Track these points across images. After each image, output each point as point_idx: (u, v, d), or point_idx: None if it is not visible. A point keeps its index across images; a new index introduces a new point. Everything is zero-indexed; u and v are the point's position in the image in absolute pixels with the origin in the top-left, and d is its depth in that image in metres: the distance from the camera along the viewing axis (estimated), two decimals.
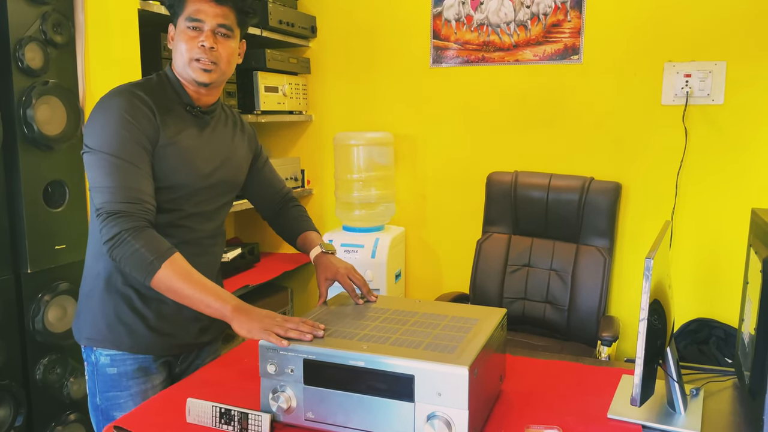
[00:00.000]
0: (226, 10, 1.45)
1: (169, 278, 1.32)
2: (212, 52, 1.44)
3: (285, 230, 1.78)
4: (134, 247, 1.31)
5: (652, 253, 1.18)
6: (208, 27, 1.43)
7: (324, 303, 1.54)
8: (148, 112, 1.40)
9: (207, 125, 1.54)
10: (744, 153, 2.58)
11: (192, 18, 1.42)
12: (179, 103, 1.49)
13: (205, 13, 1.42)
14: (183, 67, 1.45)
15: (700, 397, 1.38)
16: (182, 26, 1.43)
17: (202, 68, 1.44)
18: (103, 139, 1.36)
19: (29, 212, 1.97)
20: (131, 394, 1.50)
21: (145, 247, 1.31)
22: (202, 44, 1.42)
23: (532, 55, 2.84)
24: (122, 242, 1.32)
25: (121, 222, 1.32)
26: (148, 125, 1.39)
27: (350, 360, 1.18)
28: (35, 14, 1.95)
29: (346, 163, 2.96)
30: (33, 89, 1.94)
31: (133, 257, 1.32)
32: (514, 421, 1.28)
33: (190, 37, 1.43)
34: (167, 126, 1.43)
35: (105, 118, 1.37)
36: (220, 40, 1.45)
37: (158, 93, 1.46)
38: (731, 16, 2.53)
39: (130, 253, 1.32)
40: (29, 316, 2.00)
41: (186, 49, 1.43)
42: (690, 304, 2.71)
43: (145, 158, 1.38)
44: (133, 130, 1.36)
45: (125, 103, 1.38)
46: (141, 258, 1.31)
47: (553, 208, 2.64)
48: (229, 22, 1.46)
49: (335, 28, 3.16)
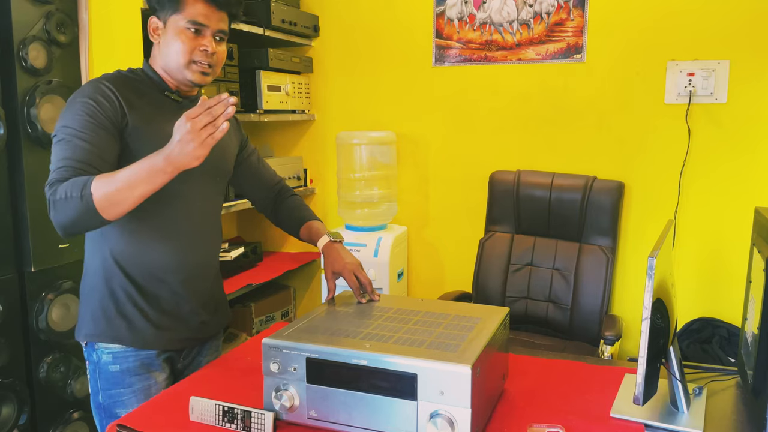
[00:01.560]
0: (224, 15, 1.48)
1: (104, 188, 1.26)
2: (213, 56, 1.47)
3: (285, 221, 1.77)
4: (61, 197, 1.27)
5: (655, 252, 1.18)
6: (210, 32, 1.45)
7: (331, 300, 1.54)
8: (111, 94, 1.41)
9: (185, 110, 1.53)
10: (747, 152, 2.58)
11: (195, 21, 1.43)
12: (155, 90, 1.50)
13: (209, 18, 1.44)
14: (177, 66, 1.46)
15: (703, 396, 1.38)
16: (180, 26, 1.43)
17: (201, 71, 1.47)
18: (62, 123, 1.37)
19: (33, 211, 1.98)
20: (134, 391, 1.50)
21: (68, 190, 1.27)
22: (205, 48, 1.45)
23: (535, 54, 2.84)
24: (52, 205, 1.28)
25: (48, 191, 1.30)
26: (111, 108, 1.39)
27: (353, 358, 1.19)
28: (39, 14, 1.95)
29: (348, 162, 2.96)
30: (36, 88, 1.94)
31: (68, 205, 1.27)
32: (516, 419, 1.28)
33: (190, 39, 1.44)
34: (136, 110, 1.43)
35: (69, 106, 1.39)
36: (217, 45, 1.48)
37: (128, 80, 1.47)
38: (734, 14, 2.53)
39: (63, 206, 1.27)
40: (33, 314, 2.00)
41: (185, 50, 1.44)
42: (693, 303, 2.71)
43: (102, 137, 1.37)
44: (93, 112, 1.37)
45: (89, 89, 1.40)
46: (72, 201, 1.26)
47: (556, 207, 2.64)
48: (226, 27, 1.50)
49: (338, 28, 3.16)
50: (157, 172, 1.26)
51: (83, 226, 1.31)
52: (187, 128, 1.22)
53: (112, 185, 1.26)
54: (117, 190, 1.26)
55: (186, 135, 1.22)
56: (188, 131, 1.22)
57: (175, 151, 1.24)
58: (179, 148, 1.23)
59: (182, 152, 1.23)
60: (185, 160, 1.25)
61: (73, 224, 1.30)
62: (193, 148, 1.23)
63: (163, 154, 1.25)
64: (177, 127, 1.24)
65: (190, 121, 1.22)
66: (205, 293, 1.61)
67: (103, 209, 1.27)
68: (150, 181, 1.27)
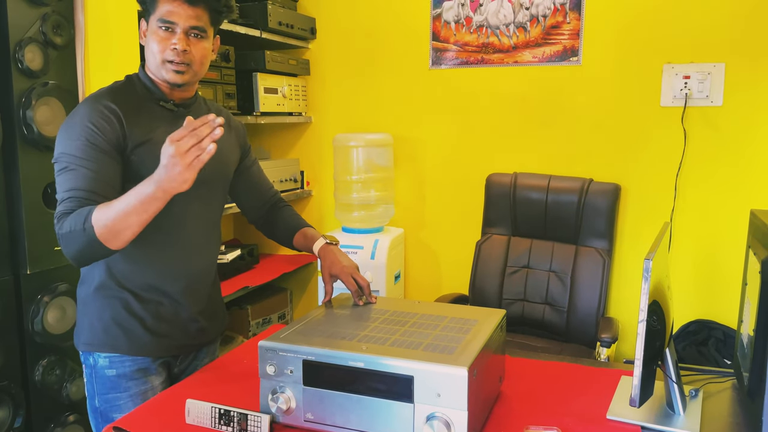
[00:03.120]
0: (199, 11, 1.43)
1: (102, 220, 1.26)
2: (185, 54, 1.43)
3: (278, 230, 1.76)
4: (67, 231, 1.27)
5: (651, 255, 1.18)
6: (180, 29, 1.41)
7: (328, 302, 1.54)
8: (112, 117, 1.39)
9: (182, 118, 1.51)
10: (743, 154, 2.58)
11: (164, 20, 1.40)
12: (151, 100, 1.48)
13: (178, 15, 1.40)
14: (156, 67, 1.44)
15: (699, 398, 1.38)
16: (154, 26, 1.42)
17: (175, 70, 1.43)
18: (63, 149, 1.36)
19: (29, 213, 1.97)
20: (130, 396, 1.50)
21: (72, 223, 1.27)
22: (175, 47, 1.41)
23: (532, 57, 2.84)
24: (61, 239, 1.29)
25: (57, 225, 1.30)
26: (111, 131, 1.38)
27: (349, 361, 1.19)
28: (35, 15, 1.95)
29: (345, 165, 2.96)
30: (33, 90, 1.94)
31: (73, 237, 1.27)
32: (513, 422, 1.28)
33: (161, 38, 1.42)
34: (137, 126, 1.42)
35: (69, 129, 1.37)
36: (192, 42, 1.44)
37: (126, 94, 1.45)
38: (730, 17, 2.54)
39: (71, 239, 1.28)
40: (28, 317, 2.00)
41: (158, 50, 1.42)
42: (689, 305, 2.72)
43: (105, 162, 1.36)
44: (93, 137, 1.35)
45: (87, 111, 1.38)
46: (77, 234, 1.27)
47: (553, 210, 2.65)
48: (202, 24, 1.44)
49: (335, 30, 3.16)
50: (149, 200, 1.25)
51: (93, 256, 1.32)
52: (171, 151, 1.20)
53: (110, 217, 1.26)
54: (115, 221, 1.26)
55: (171, 158, 1.20)
56: (172, 154, 1.19)
57: (163, 175, 1.22)
58: (166, 173, 1.21)
59: (169, 176, 1.21)
60: (173, 185, 1.23)
61: (82, 256, 1.30)
62: (179, 171, 1.20)
63: (153, 180, 1.24)
64: (163, 151, 1.22)
65: (174, 144, 1.19)
66: (204, 299, 1.61)
67: (106, 240, 1.27)
68: (144, 210, 1.26)
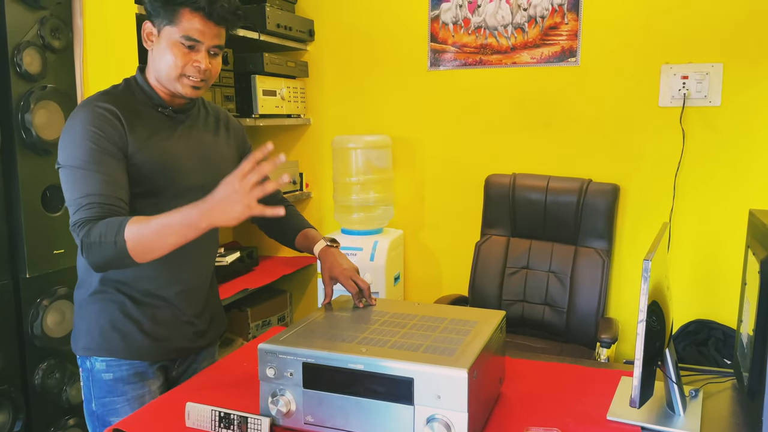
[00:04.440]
0: (222, 30, 1.45)
1: (137, 237, 1.25)
2: (205, 72, 1.44)
3: (280, 231, 1.76)
4: (96, 242, 1.27)
5: (651, 255, 1.18)
6: (204, 47, 1.42)
7: (328, 304, 1.54)
8: (113, 119, 1.38)
9: (181, 124, 1.52)
10: (741, 154, 2.59)
11: (190, 37, 1.39)
12: (149, 106, 1.48)
13: (204, 34, 1.40)
14: (168, 79, 1.43)
15: (699, 399, 1.38)
16: (174, 38, 1.40)
17: (193, 86, 1.44)
18: (68, 154, 1.35)
19: (27, 217, 1.97)
20: (127, 399, 1.49)
21: (103, 234, 1.26)
22: (198, 65, 1.42)
23: (530, 58, 2.84)
24: (86, 248, 1.28)
25: (80, 231, 1.29)
26: (114, 132, 1.37)
27: (349, 363, 1.18)
28: (33, 19, 1.95)
29: (344, 167, 2.96)
30: (31, 94, 1.94)
31: (102, 250, 1.26)
32: (513, 423, 1.28)
33: (184, 54, 1.41)
34: (136, 130, 1.42)
35: (71, 133, 1.37)
36: (212, 59, 1.45)
37: (125, 99, 1.45)
38: (728, 17, 2.54)
39: (98, 250, 1.27)
40: (28, 320, 1.99)
41: (178, 64, 1.41)
42: (688, 305, 2.72)
43: (113, 165, 1.36)
44: (98, 139, 1.35)
45: (89, 115, 1.37)
46: (107, 246, 1.26)
47: (552, 210, 2.65)
48: (222, 42, 1.46)
49: (333, 32, 3.16)
50: (190, 227, 1.24)
51: (116, 266, 1.31)
52: (236, 187, 1.18)
53: (145, 235, 1.25)
54: (150, 240, 1.25)
55: (234, 195, 1.19)
56: (237, 190, 1.18)
57: (217, 209, 1.21)
58: (223, 207, 1.20)
59: (225, 211, 1.20)
60: (224, 218, 1.22)
61: (106, 265, 1.30)
62: (240, 210, 1.20)
63: (200, 209, 1.22)
64: (226, 184, 1.20)
65: (241, 181, 1.18)
66: (201, 303, 1.60)
67: (136, 256, 1.27)
68: (182, 234, 1.25)
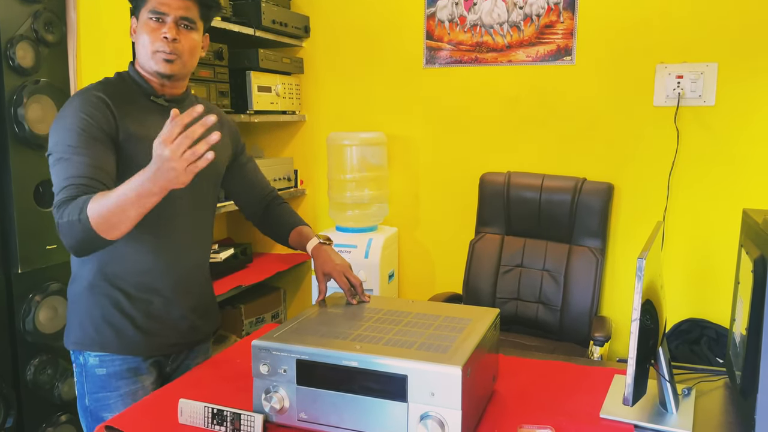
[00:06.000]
0: (189, 3, 1.46)
1: (98, 211, 1.24)
2: (175, 44, 1.44)
3: (274, 228, 1.77)
4: (65, 221, 1.26)
5: (645, 254, 1.18)
6: (170, 19, 1.44)
7: (322, 301, 1.54)
8: (103, 106, 1.39)
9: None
10: (735, 154, 2.60)
11: (155, 11, 1.42)
12: (142, 96, 1.49)
13: (168, 5, 1.43)
14: (146, 59, 1.45)
15: (692, 397, 1.39)
16: (144, 18, 1.44)
17: (165, 59, 1.45)
18: (57, 139, 1.36)
19: (20, 212, 1.96)
20: (121, 395, 1.49)
21: (69, 213, 1.26)
22: (165, 36, 1.43)
23: (525, 56, 2.85)
24: (60, 229, 1.27)
25: (56, 213, 1.29)
26: (103, 119, 1.38)
27: (343, 360, 1.18)
28: (27, 13, 1.94)
29: (339, 164, 2.96)
30: (24, 88, 1.93)
31: (71, 229, 1.26)
32: (506, 420, 1.28)
33: (152, 29, 1.43)
34: (128, 117, 1.42)
35: (61, 122, 1.37)
36: (182, 32, 1.46)
37: (117, 88, 1.46)
38: (723, 17, 2.54)
39: (68, 229, 1.26)
40: (20, 316, 1.98)
41: (149, 41, 1.44)
42: (682, 304, 2.73)
43: (99, 149, 1.36)
44: (87, 126, 1.36)
45: (79, 103, 1.38)
46: (73, 224, 1.25)
47: (546, 209, 2.65)
48: (191, 15, 1.47)
49: (328, 28, 3.15)
50: (146, 194, 1.22)
51: (91, 247, 1.29)
52: (166, 155, 1.16)
53: (105, 208, 1.23)
54: (110, 212, 1.23)
55: (166, 162, 1.17)
56: (168, 158, 1.16)
57: (159, 175, 1.19)
58: (162, 174, 1.18)
59: (166, 177, 1.19)
60: (170, 185, 1.20)
61: (80, 246, 1.28)
62: (176, 175, 1.18)
63: (148, 176, 1.20)
64: (156, 151, 1.18)
65: (169, 148, 1.16)
66: (195, 297, 1.60)
67: (102, 231, 1.25)
68: (140, 203, 1.23)
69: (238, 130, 1.75)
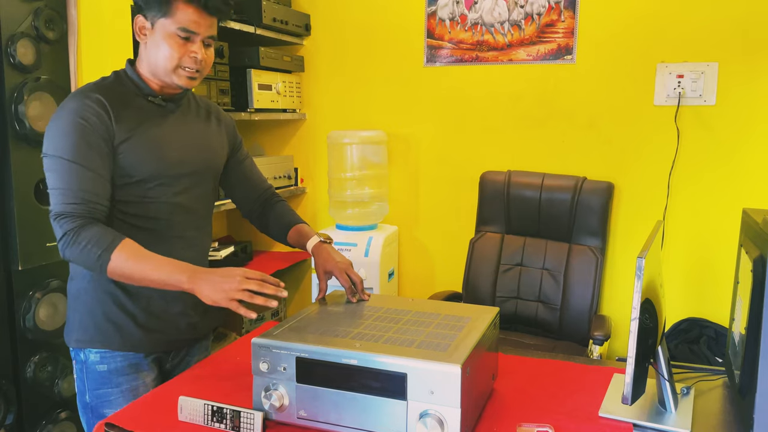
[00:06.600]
0: (215, 20, 1.48)
1: (121, 265, 1.33)
2: (201, 62, 1.46)
3: (273, 226, 1.76)
4: (81, 244, 1.32)
5: (644, 253, 1.18)
6: (199, 38, 1.45)
7: (322, 299, 1.54)
8: (101, 110, 1.39)
9: (172, 113, 1.53)
10: (735, 153, 2.60)
11: (186, 29, 1.42)
12: (139, 96, 1.49)
13: (199, 24, 1.43)
14: (164, 71, 1.45)
15: (691, 396, 1.39)
16: (170, 30, 1.42)
17: (188, 76, 1.46)
18: (55, 144, 1.36)
19: (20, 209, 1.96)
20: (121, 391, 1.49)
21: (91, 242, 1.32)
22: (195, 56, 1.44)
23: (526, 55, 2.84)
24: (69, 243, 1.33)
25: (66, 223, 1.33)
26: (101, 125, 1.39)
27: (343, 358, 1.18)
28: (27, 10, 1.94)
29: (339, 162, 2.96)
30: (25, 85, 1.93)
31: (83, 254, 1.32)
32: (506, 419, 1.28)
33: (180, 45, 1.43)
34: (125, 120, 1.43)
35: (58, 124, 1.38)
36: (206, 49, 1.48)
37: (114, 89, 1.46)
38: (724, 17, 2.54)
39: (78, 252, 1.32)
40: (20, 313, 1.99)
41: (175, 55, 1.43)
42: (681, 303, 2.73)
43: (97, 159, 1.38)
44: (84, 132, 1.36)
45: (77, 106, 1.38)
46: (89, 254, 1.32)
47: (546, 208, 2.65)
48: (215, 32, 1.50)
49: (329, 27, 3.15)
50: (173, 285, 1.33)
51: (85, 268, 1.40)
52: (234, 282, 1.29)
53: (129, 270, 1.33)
54: (131, 272, 1.33)
55: (227, 284, 1.29)
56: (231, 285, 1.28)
57: (206, 284, 1.30)
58: (211, 287, 1.30)
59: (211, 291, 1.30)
60: (204, 296, 1.31)
61: (76, 263, 1.40)
62: (221, 298, 1.30)
63: (190, 275, 1.32)
64: (226, 274, 1.31)
65: (242, 277, 1.29)
66: None
67: (110, 275, 1.35)
68: (162, 284, 1.34)
69: (235, 126, 1.75)
